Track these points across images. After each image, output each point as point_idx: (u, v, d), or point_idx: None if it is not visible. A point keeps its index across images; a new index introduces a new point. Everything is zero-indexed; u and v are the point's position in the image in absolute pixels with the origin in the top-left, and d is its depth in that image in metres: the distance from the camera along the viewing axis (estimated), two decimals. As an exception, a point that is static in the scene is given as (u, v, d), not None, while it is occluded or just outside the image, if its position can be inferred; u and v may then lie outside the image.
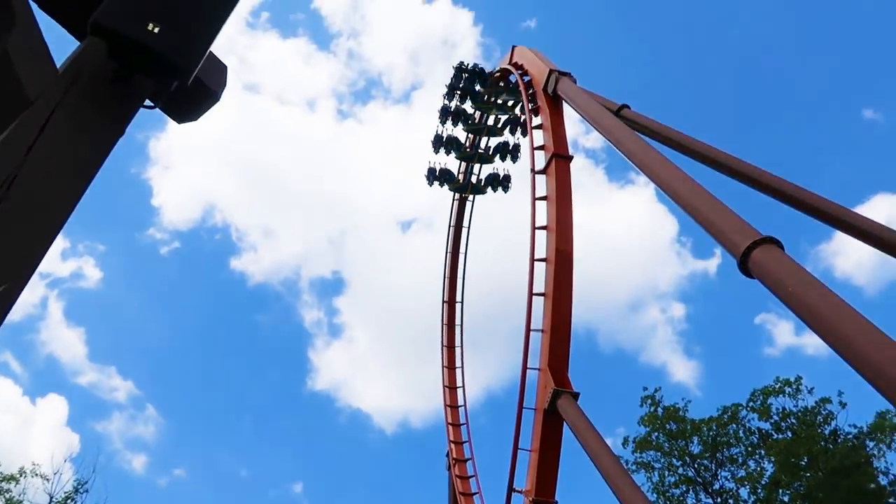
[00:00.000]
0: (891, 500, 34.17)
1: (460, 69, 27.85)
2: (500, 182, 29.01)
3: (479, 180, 29.82)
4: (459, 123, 28.89)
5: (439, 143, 29.26)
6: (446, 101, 28.80)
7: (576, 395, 13.01)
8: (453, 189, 30.56)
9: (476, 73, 27.48)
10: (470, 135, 29.34)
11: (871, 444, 36.81)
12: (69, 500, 31.53)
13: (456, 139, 29.40)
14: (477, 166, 29.50)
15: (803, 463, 35.25)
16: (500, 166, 28.83)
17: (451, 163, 29.58)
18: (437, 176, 29.58)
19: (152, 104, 3.31)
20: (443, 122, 29.16)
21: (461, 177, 29.92)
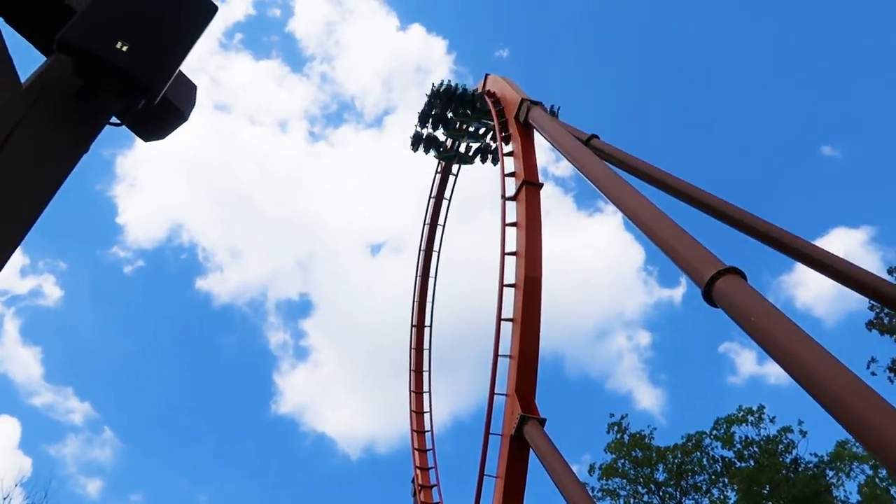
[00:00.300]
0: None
1: (434, 94, 27.11)
2: (492, 152, 27.81)
3: (468, 147, 28.73)
4: (431, 150, 28.61)
5: (418, 141, 28.29)
6: (418, 128, 28.31)
7: (542, 421, 13.01)
8: (441, 158, 29.46)
9: (450, 94, 26.51)
10: (448, 139, 28.60)
11: (831, 473, 37.42)
12: None
13: (436, 138, 28.58)
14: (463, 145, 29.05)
15: (765, 491, 35.64)
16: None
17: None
18: (424, 141, 28.32)
19: (119, 122, 3.28)
20: (414, 149, 28.65)
21: (449, 143, 28.81)
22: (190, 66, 3.46)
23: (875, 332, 32.43)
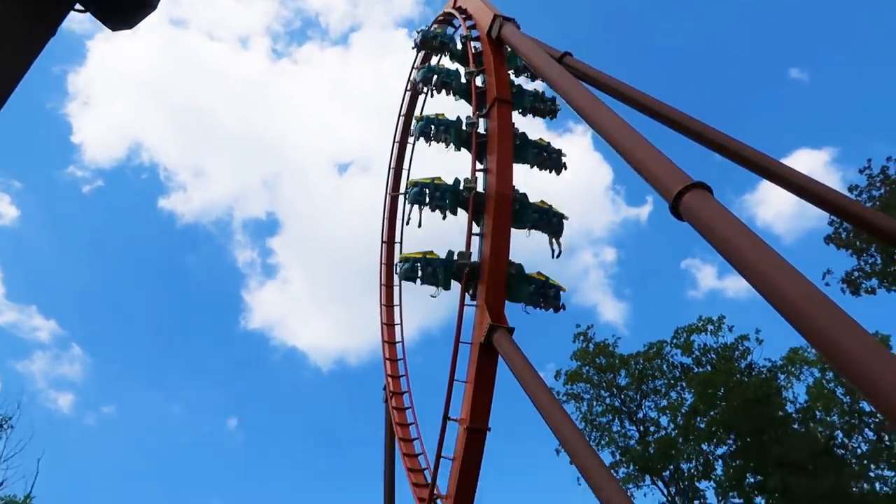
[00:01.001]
0: (794, 427, 37.03)
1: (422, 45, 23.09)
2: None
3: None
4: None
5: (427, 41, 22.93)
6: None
7: (511, 330, 13.47)
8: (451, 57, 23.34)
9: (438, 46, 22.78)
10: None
11: (783, 377, 39.57)
12: None
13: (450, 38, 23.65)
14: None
15: (720, 393, 37.67)
16: None
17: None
18: (433, 41, 22.86)
19: (83, 8, 3.14)
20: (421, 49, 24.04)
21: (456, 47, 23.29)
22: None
23: (832, 247, 33.60)
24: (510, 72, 19.34)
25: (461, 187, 16.42)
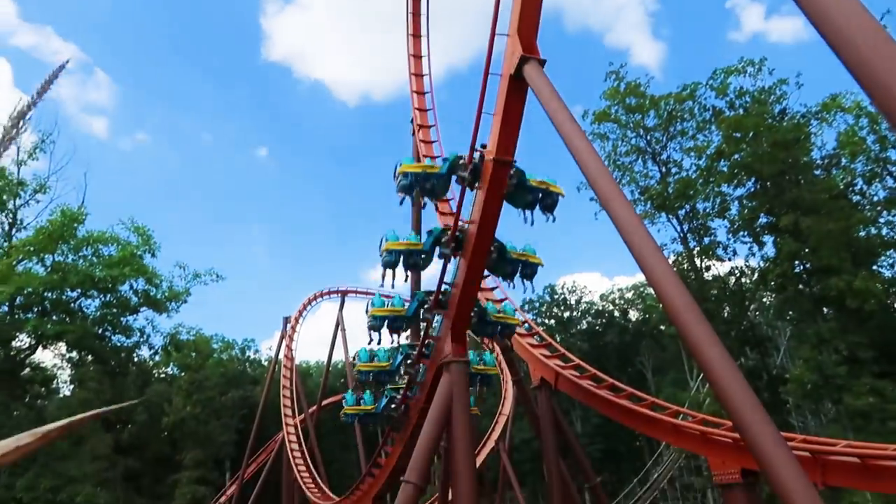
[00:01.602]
0: (816, 173, 37.28)
1: None
2: None
3: None
4: None
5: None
6: None
7: (542, 62, 12.99)
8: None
9: None
10: None
11: (815, 123, 38.80)
12: (36, 150, 32.22)
13: None
14: None
15: (748, 137, 37.33)
16: None
17: None
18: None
19: None
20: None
21: None
22: None
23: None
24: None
25: None
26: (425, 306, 17.96)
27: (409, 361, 19.71)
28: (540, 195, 15.67)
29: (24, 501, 28.19)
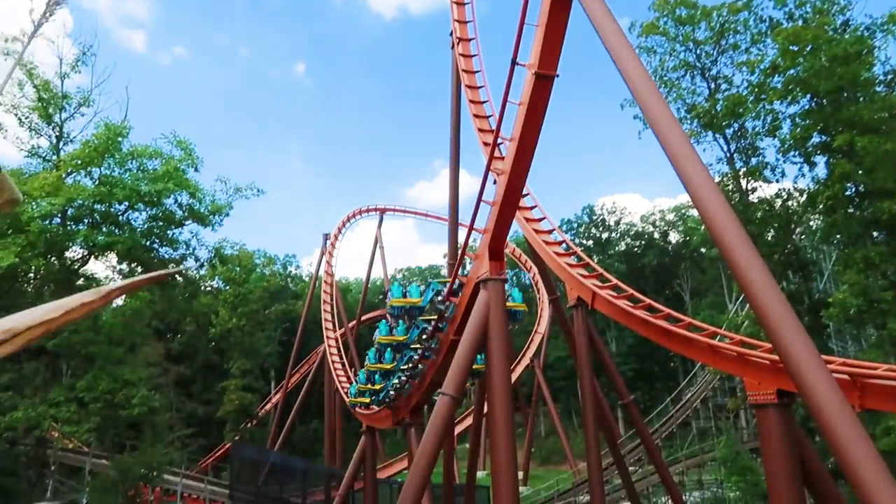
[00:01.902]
0: (877, 88, 35.31)
1: None
2: None
3: None
4: None
5: None
6: None
7: (590, -31, 12.31)
8: None
9: None
10: None
11: (880, 36, 36.39)
12: (78, 62, 32.31)
13: None
14: None
15: (806, 50, 35.31)
16: None
17: None
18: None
19: None
20: None
21: None
22: None
23: None
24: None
25: None
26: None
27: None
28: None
29: (85, 401, 29.97)
